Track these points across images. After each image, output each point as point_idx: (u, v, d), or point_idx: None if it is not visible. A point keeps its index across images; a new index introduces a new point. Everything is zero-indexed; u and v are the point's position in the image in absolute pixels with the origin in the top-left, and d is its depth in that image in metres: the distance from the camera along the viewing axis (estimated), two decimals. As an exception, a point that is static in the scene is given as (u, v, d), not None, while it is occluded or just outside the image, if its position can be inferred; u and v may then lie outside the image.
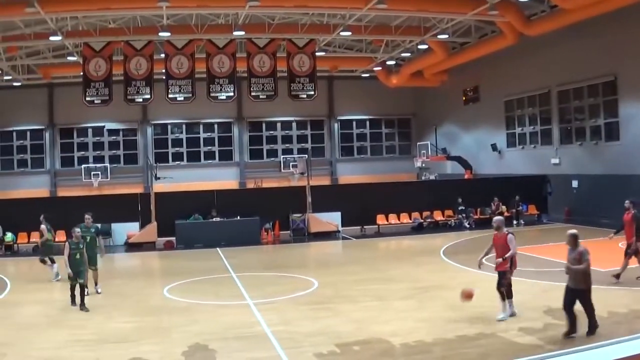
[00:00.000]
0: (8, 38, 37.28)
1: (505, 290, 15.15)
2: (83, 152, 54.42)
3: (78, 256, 18.32)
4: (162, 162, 50.78)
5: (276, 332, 14.69)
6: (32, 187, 50.93)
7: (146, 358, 12.98)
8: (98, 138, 54.57)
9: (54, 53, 43.57)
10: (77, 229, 19.15)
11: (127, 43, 35.38)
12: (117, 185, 49.79)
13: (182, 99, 35.69)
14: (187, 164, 54.20)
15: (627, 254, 19.04)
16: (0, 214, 33.06)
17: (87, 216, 21.55)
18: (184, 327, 15.42)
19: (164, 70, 35.71)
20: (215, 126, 55.70)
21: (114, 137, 54.82)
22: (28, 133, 54.39)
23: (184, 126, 55.28)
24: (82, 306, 17.70)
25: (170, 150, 54.84)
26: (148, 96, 35.57)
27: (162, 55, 36.20)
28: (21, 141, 54.29)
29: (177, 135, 55.12)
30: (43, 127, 54.22)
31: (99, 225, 20.57)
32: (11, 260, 30.55)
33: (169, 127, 55.20)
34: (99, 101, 35.31)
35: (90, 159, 54.04)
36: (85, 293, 18.38)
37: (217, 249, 30.25)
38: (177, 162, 54.09)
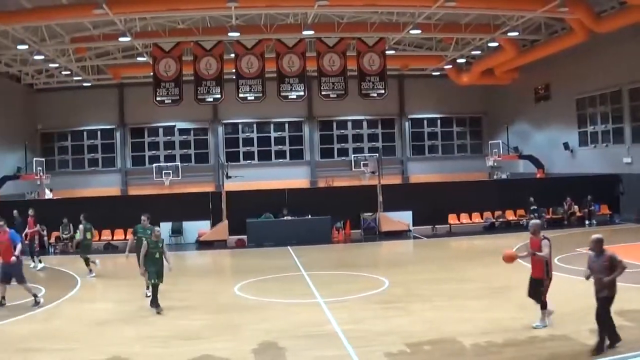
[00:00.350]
0: (77, 39, 37.94)
1: (542, 300, 14.70)
2: (154, 151, 55.08)
3: (157, 255, 17.75)
4: (233, 161, 51.20)
5: (346, 330, 14.62)
6: (103, 185, 51.88)
7: (217, 355, 13.02)
8: (169, 137, 55.17)
9: (123, 54, 44.19)
10: (158, 228, 18.71)
11: (197, 43, 35.76)
12: (188, 184, 50.26)
13: (252, 98, 35.95)
14: (258, 163, 54.43)
15: None
16: (71, 213, 33.51)
17: (143, 217, 21.00)
18: (254, 325, 15.45)
19: (234, 70, 35.95)
20: (286, 125, 55.83)
21: (185, 137, 55.34)
22: (99, 132, 55.38)
23: (254, 125, 55.51)
24: (156, 305, 17.43)
25: (242, 149, 55.15)
26: (218, 96, 35.93)
27: (232, 55, 36.44)
28: (92, 140, 55.30)
29: (248, 134, 55.40)
30: (114, 126, 55.12)
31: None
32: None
33: (240, 126, 55.52)
34: (170, 101, 35.79)
35: (161, 158, 54.65)
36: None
37: (288, 247, 30.35)
38: (248, 161, 54.37)
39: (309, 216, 34.00)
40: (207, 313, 17.17)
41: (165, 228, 33.70)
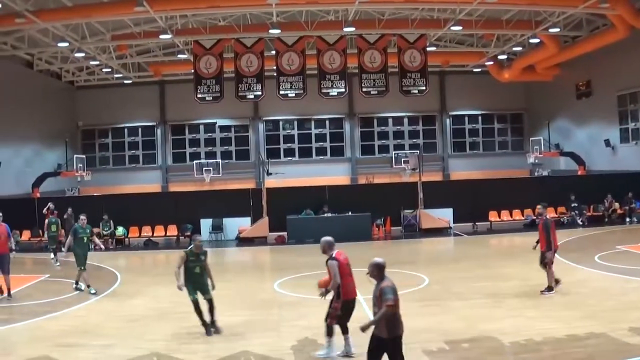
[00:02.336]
0: (118, 37, 38.34)
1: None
2: (195, 148, 55.54)
3: (198, 270, 15.21)
4: (274, 158, 51.38)
5: (385, 328, 14.56)
6: (144, 182, 52.38)
7: (255, 352, 13.11)
8: (210, 134, 55.56)
9: (164, 51, 44.62)
10: (199, 237, 16.00)
11: (238, 40, 35.88)
12: (229, 181, 50.57)
13: (293, 95, 36.01)
14: (299, 160, 54.60)
15: None
16: (112, 209, 33.98)
17: (82, 217, 21.07)
18: (293, 322, 15.55)
19: (274, 67, 36.06)
20: (327, 122, 55.86)
21: (226, 134, 55.68)
22: (140, 129, 56.05)
23: (295, 122, 55.66)
24: (213, 327, 15.08)
25: (282, 146, 55.37)
26: (259, 93, 36.05)
27: (273, 52, 36.55)
28: (133, 137, 56.00)
29: (288, 131, 55.56)
30: (154, 123, 55.70)
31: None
32: (122, 254, 31.42)
33: (281, 123, 55.71)
34: (210, 98, 35.97)
35: (202, 155, 55.07)
36: None
37: (328, 244, 30.24)
38: (288, 158, 54.58)
39: (350, 213, 33.97)
40: (246, 309, 17.30)
41: (205, 224, 34.09)
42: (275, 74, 36.40)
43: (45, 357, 13.14)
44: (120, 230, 34.05)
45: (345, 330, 13.11)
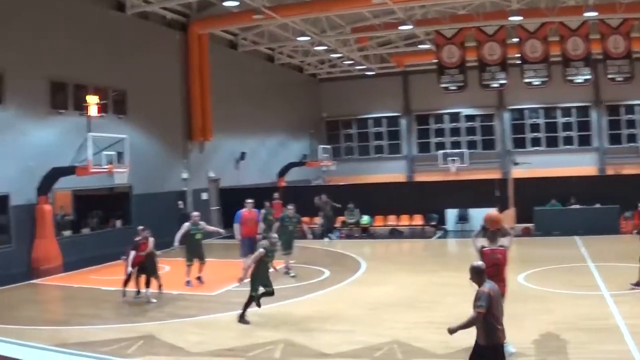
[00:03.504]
0: (358, 29, 39.13)
1: None
2: (440, 138, 55.60)
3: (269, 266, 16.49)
4: (520, 148, 50.55)
5: (630, 325, 13.94)
6: (389, 172, 53.14)
7: (495, 344, 12.96)
8: (455, 124, 55.44)
9: (405, 42, 45.02)
10: (275, 236, 17.47)
11: (479, 29, 35.64)
12: (474, 171, 50.06)
13: (537, 83, 35.36)
14: (545, 150, 53.06)
15: None
16: (358, 198, 34.73)
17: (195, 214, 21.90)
18: (537, 316, 15.21)
19: (517, 55, 35.52)
20: (573, 110, 53.81)
21: (471, 123, 55.31)
22: (384, 120, 56.76)
23: (541, 111, 54.20)
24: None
25: (528, 135, 54.15)
26: (503, 81, 35.68)
27: (515, 40, 35.99)
28: (377, 128, 56.93)
29: (534, 120, 54.23)
30: (399, 114, 56.31)
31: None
32: (367, 242, 32.01)
33: (526, 112, 54.48)
34: (454, 87, 36.03)
35: (447, 145, 55.01)
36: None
37: (575, 237, 29.39)
38: (534, 148, 53.26)
39: (598, 205, 32.75)
40: (489, 301, 17.10)
41: (451, 214, 34.16)
42: (518, 62, 35.83)
43: (287, 340, 13.66)
44: (365, 219, 34.76)
45: None
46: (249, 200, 22.91)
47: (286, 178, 46.02)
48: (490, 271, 10.75)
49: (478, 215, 33.85)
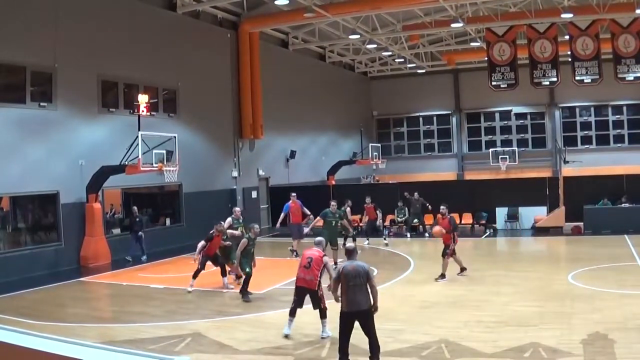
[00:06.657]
0: (408, 27, 39.19)
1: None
2: (490, 136, 55.34)
3: (252, 250, 19.02)
4: (571, 146, 50.00)
5: (681, 325, 13.91)
6: (439, 170, 53.34)
7: (543, 343, 12.93)
8: (505, 122, 55.07)
9: (456, 39, 44.91)
10: (257, 225, 19.74)
11: (530, 26, 35.48)
12: (525, 169, 49.80)
13: (589, 81, 35.03)
14: (596, 148, 52.43)
15: None
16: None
17: (333, 203, 24.31)
18: (585, 315, 15.16)
19: (569, 52, 35.26)
20: (624, 108, 53.02)
21: (522, 121, 54.91)
22: (434, 118, 56.77)
23: (592, 109, 53.56)
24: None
25: (579, 133, 53.58)
26: (555, 79, 35.42)
27: (566, 37, 35.75)
28: (428, 126, 56.92)
29: (585, 118, 53.66)
30: (449, 112, 56.25)
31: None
32: (418, 241, 32.01)
33: (577, 110, 53.91)
34: (505, 85, 35.87)
35: (498, 143, 54.72)
36: None
37: (625, 235, 29.09)
38: (586, 146, 52.64)
39: (649, 204, 32.38)
40: (538, 300, 17.05)
41: (500, 213, 34.07)
42: (569, 60, 35.56)
43: (335, 339, 13.65)
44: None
45: None
46: (293, 193, 27.20)
47: (336, 176, 46.17)
48: None
49: (528, 213, 33.99)
